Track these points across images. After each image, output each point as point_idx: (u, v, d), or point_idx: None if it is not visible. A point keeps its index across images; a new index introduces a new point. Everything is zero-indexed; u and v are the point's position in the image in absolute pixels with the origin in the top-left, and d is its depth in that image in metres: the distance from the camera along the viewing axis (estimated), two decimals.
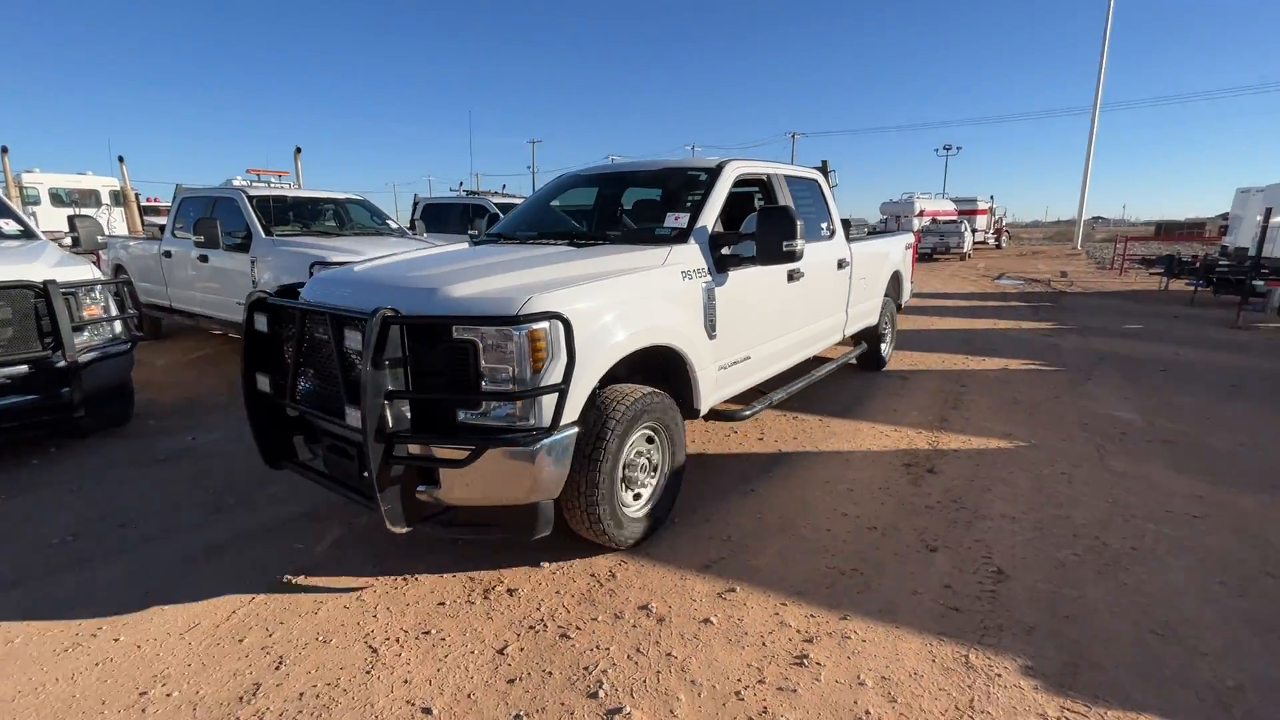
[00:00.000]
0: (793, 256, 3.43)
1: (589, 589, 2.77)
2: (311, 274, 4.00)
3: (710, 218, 3.63)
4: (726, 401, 3.94)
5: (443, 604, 2.67)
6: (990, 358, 7.52)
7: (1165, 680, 2.22)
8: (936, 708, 2.11)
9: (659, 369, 3.22)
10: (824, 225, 5.00)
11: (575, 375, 2.46)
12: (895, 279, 6.63)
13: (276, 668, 2.29)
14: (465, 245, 4.34)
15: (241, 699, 2.14)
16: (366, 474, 2.37)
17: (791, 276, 4.21)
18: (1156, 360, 7.41)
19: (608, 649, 2.39)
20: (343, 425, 2.52)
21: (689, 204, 3.79)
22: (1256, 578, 2.86)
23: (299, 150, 14.09)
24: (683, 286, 3.25)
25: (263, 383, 2.91)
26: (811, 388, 5.14)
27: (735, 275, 3.58)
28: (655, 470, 3.14)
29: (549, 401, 2.43)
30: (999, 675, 2.25)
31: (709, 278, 3.41)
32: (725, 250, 3.55)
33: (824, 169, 6.03)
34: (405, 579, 2.85)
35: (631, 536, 2.99)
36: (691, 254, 3.40)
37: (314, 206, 7.47)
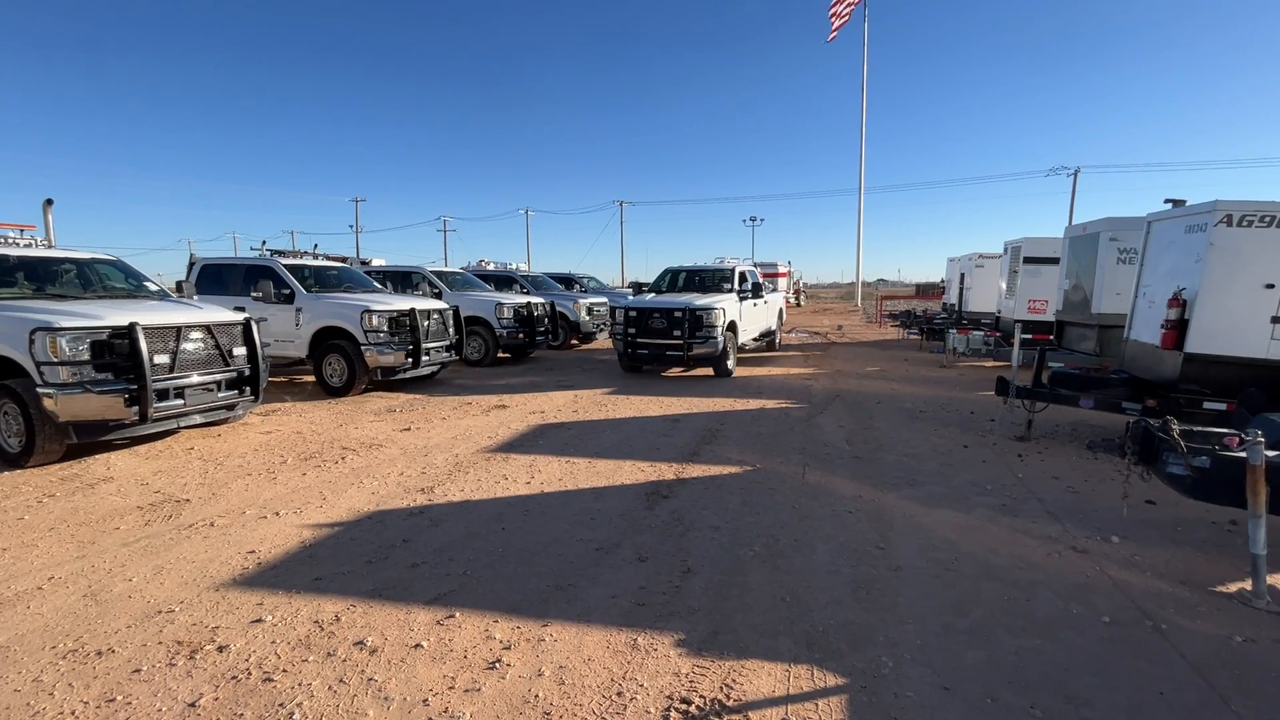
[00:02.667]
0: (759, 295, 12.41)
1: (308, 635, 2.87)
2: (32, 340, 5.13)
3: (734, 285, 11.71)
4: None
5: (138, 670, 2.61)
6: (754, 399, 8.73)
7: (777, 633, 2.89)
8: (597, 682, 2.54)
9: (732, 329, 10.89)
10: (763, 287, 12.95)
11: (732, 329, 10.81)
12: (780, 313, 15.76)
13: None
14: (650, 295, 11.72)
15: None
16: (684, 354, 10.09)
17: (755, 305, 12.28)
18: (876, 395, 9.13)
19: (310, 685, 2.52)
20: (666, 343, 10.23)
21: (727, 278, 11.96)
22: (870, 552, 3.77)
23: (49, 202, 12.33)
24: (740, 305, 11.35)
25: (624, 341, 10.49)
26: (587, 434, 5.66)
27: (747, 303, 11.68)
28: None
29: (722, 339, 10.23)
30: (655, 649, 2.76)
31: (739, 304, 11.27)
32: (742, 294, 11.64)
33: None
34: (99, 653, 2.73)
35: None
36: (733, 297, 11.16)
37: (48, 267, 6.70)
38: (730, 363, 10.78)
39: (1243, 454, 3.20)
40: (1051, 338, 9.97)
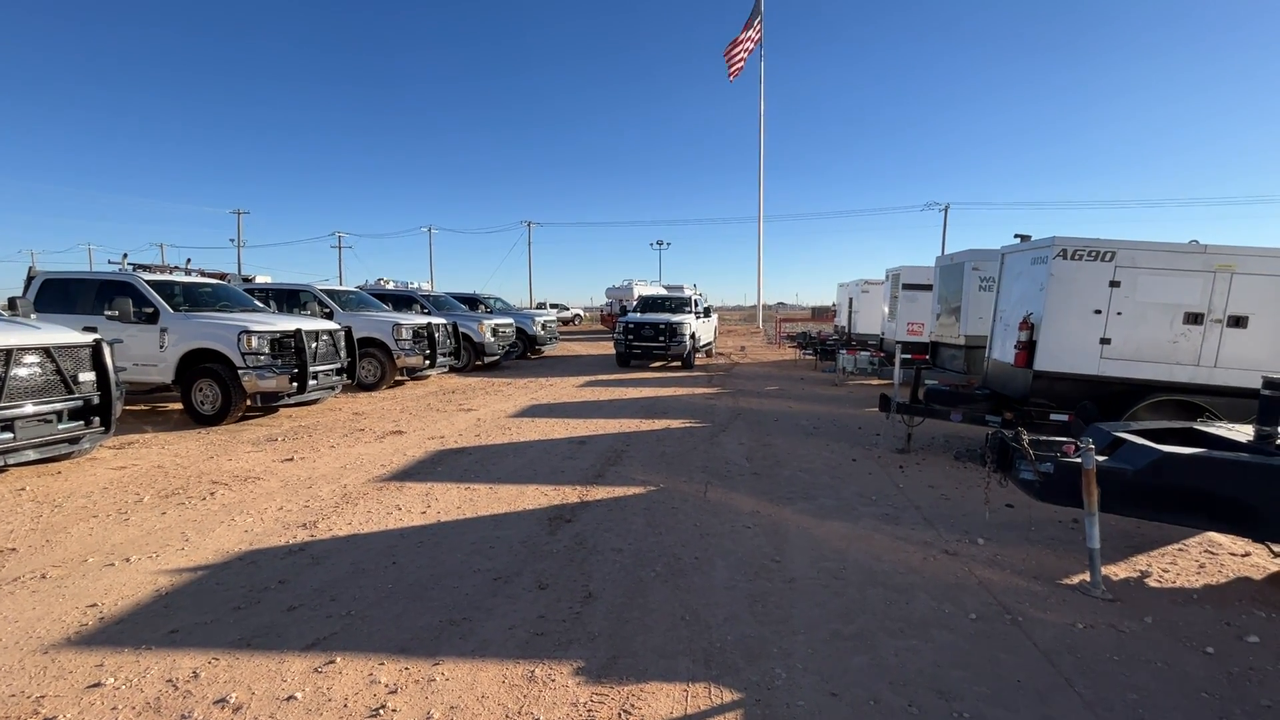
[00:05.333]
0: (709, 315, 20.50)
1: (158, 697, 2.54)
2: None
3: (692, 308, 17.74)
4: None
5: None
6: (660, 419, 8.85)
7: (675, 653, 2.90)
8: None
9: (693, 337, 16.29)
10: (707, 311, 20.15)
11: (693, 337, 16.22)
12: (715, 329, 22.67)
13: None
14: (637, 314, 17.29)
15: None
16: (666, 351, 15.56)
17: (704, 322, 18.71)
18: (774, 413, 9.55)
19: None
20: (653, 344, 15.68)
21: (686, 303, 18.16)
22: (767, 565, 3.90)
23: None
24: (697, 322, 17.03)
25: (624, 344, 15.82)
26: (489, 459, 5.48)
27: (700, 320, 17.66)
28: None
29: (689, 342, 15.69)
30: (554, 680, 2.69)
31: (696, 321, 16.80)
32: (697, 315, 17.49)
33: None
34: None
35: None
36: (692, 316, 16.83)
37: None
38: (693, 358, 16.22)
39: (1078, 460, 3.62)
40: (927, 357, 10.88)
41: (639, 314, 17.08)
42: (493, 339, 15.15)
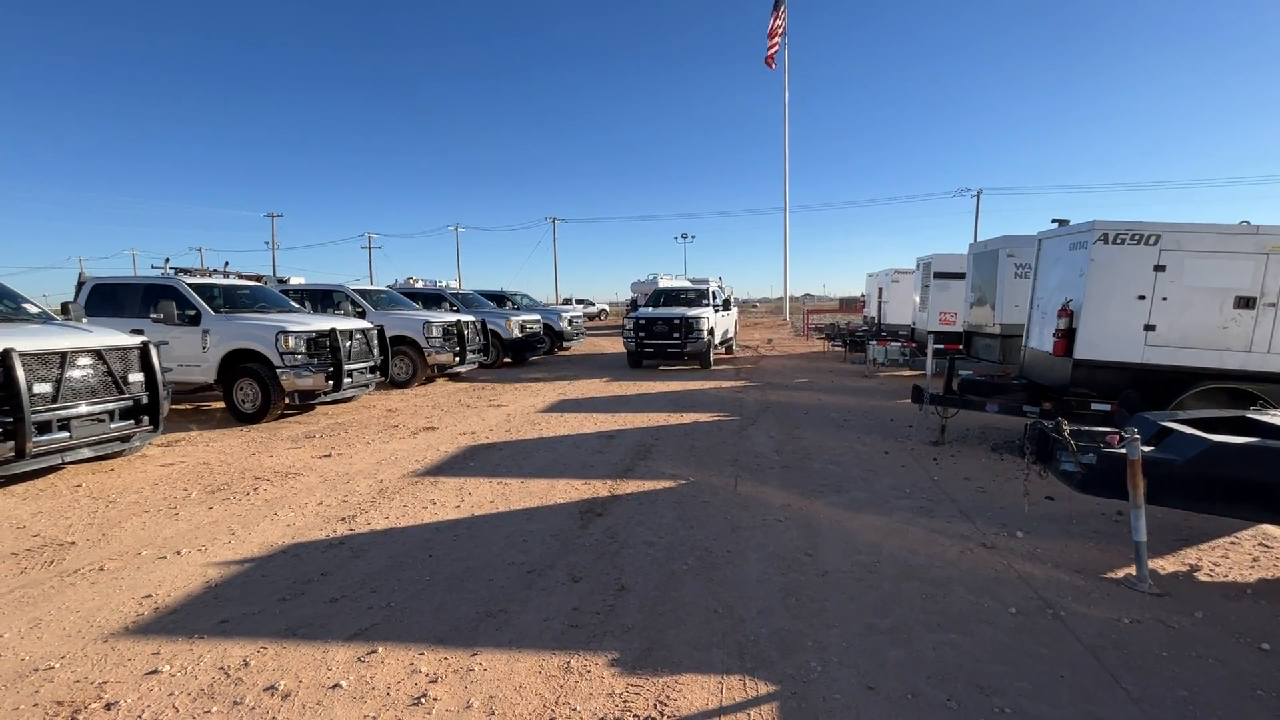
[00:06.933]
0: (728, 308, 17.37)
1: (211, 683, 2.65)
2: None
3: (710, 300, 15.93)
4: None
5: None
6: (688, 413, 8.84)
7: (709, 646, 2.91)
8: (528, 710, 2.48)
9: (711, 332, 14.38)
10: (726, 303, 17.36)
11: (712, 333, 14.28)
12: (735, 323, 19.39)
13: None
14: (649, 308, 15.56)
15: None
16: (681, 350, 13.87)
17: (723, 315, 16.21)
18: (804, 406, 9.45)
19: None
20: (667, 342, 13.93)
21: (704, 296, 16.26)
22: (799, 559, 3.87)
23: None
24: (716, 315, 15.02)
25: (635, 342, 14.04)
26: (520, 454, 5.55)
27: (719, 314, 15.44)
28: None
29: (708, 339, 13.96)
30: (589, 671, 2.72)
31: (715, 315, 14.92)
32: (716, 307, 15.60)
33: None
34: None
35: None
36: (711, 309, 14.99)
37: None
38: (711, 356, 14.39)
39: (1123, 450, 3.51)
40: (961, 347, 10.65)
41: (651, 308, 15.44)
42: (520, 335, 15.29)
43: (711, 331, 14.25)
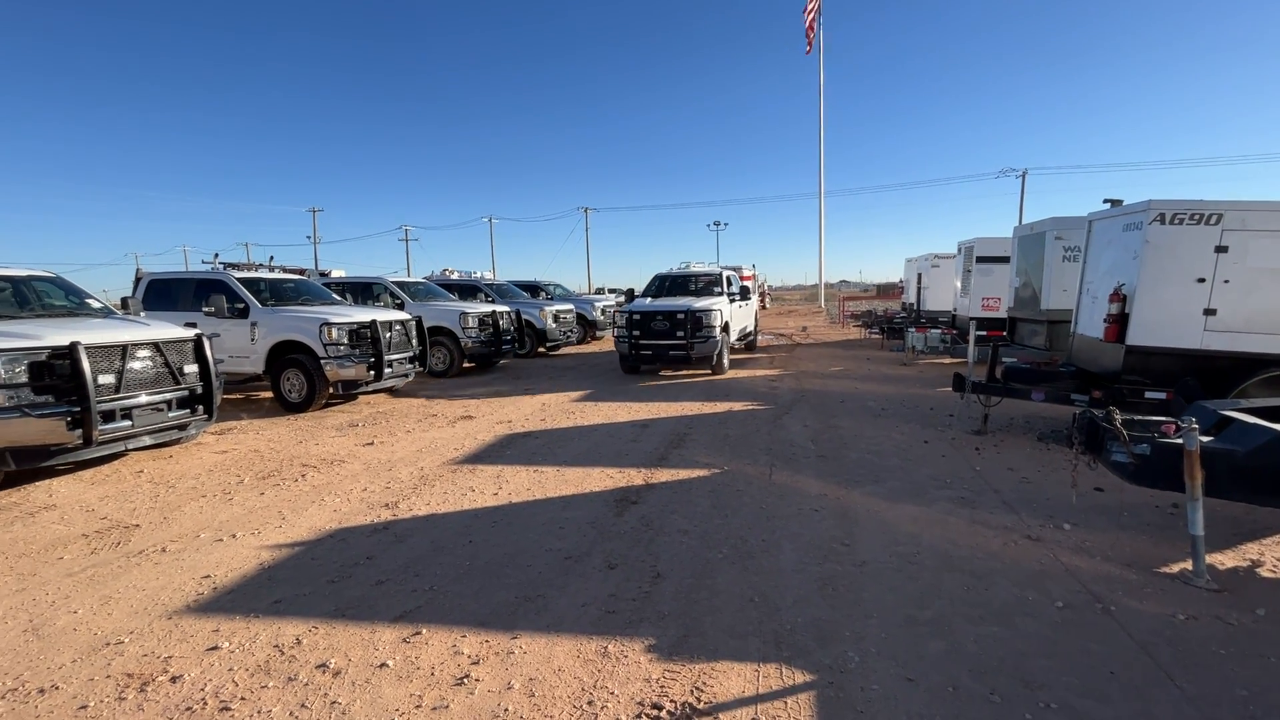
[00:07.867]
0: (747, 298, 13.85)
1: (267, 660, 2.78)
2: None
3: (724, 288, 12.37)
4: None
5: (84, 707, 2.49)
6: (721, 402, 8.81)
7: (745, 634, 2.92)
8: (567, 693, 2.53)
9: (726, 329, 11.50)
10: (744, 292, 13.72)
11: (726, 329, 11.42)
12: (756, 315, 16.10)
13: None
14: (648, 299, 12.07)
15: None
16: (687, 353, 10.76)
17: (740, 307, 13.08)
18: (840, 394, 9.31)
19: (270, 711, 2.44)
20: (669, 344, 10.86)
21: (716, 282, 12.64)
22: (836, 549, 3.84)
23: None
24: (732, 306, 12.13)
25: (628, 343, 11.06)
26: (555, 443, 5.63)
27: (736, 304, 12.53)
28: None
29: (720, 338, 11.07)
30: (626, 656, 2.76)
31: (731, 306, 12.00)
32: (731, 298, 12.21)
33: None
34: (42, 690, 2.59)
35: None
36: (725, 299, 11.78)
37: None
38: (725, 361, 11.59)
39: (1179, 440, 3.37)
40: (1004, 334, 10.31)
41: (649, 299, 12.11)
42: (554, 325, 15.42)
43: (726, 328, 11.35)
